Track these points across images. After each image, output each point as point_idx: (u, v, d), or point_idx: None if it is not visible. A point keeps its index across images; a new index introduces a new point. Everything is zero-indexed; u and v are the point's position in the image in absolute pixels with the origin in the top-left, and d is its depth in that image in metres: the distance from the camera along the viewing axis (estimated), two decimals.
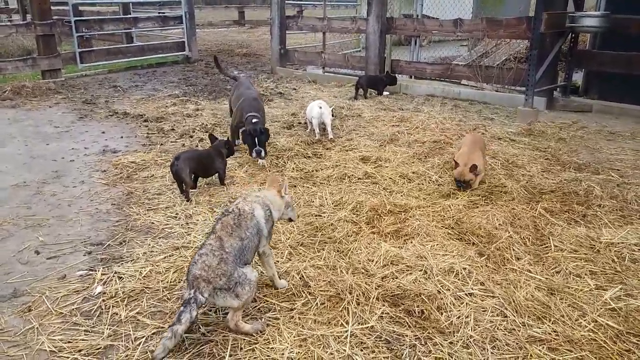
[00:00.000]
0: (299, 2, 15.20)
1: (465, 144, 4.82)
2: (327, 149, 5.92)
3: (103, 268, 3.35)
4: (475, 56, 10.96)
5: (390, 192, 4.59)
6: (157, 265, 3.35)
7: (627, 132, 6.43)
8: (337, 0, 21.58)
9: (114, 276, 3.24)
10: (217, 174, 4.84)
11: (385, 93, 9.03)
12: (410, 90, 9.22)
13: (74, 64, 10.55)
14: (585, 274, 3.24)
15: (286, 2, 11.58)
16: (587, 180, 4.79)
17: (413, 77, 9.88)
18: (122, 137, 6.44)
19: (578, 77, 9.19)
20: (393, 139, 6.18)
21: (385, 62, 9.65)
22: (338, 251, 3.54)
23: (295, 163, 5.36)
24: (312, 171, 5.17)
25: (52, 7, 10.15)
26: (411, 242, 3.62)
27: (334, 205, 4.31)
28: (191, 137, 6.36)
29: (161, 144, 6.10)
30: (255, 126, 5.27)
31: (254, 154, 5.21)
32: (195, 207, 4.32)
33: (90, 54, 11.09)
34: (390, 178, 4.89)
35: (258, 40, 18.15)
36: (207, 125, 6.84)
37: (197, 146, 5.97)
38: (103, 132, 6.63)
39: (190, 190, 4.55)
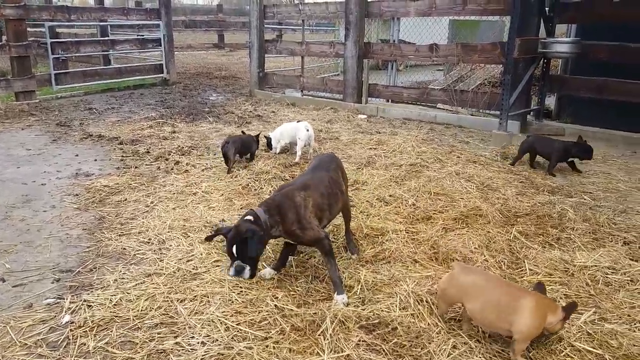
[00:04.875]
0: (278, 26, 15.37)
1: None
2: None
3: (72, 296, 3.23)
4: (450, 80, 11.18)
5: (367, 215, 4.57)
6: (127, 293, 3.26)
7: (598, 156, 6.56)
8: (316, 24, 21.88)
9: (82, 304, 3.13)
10: (249, 154, 6.26)
11: (362, 116, 9.10)
12: (387, 113, 9.31)
13: (49, 86, 10.41)
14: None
15: (265, 26, 11.67)
16: (561, 203, 4.86)
17: (390, 100, 10.00)
18: (96, 160, 6.34)
19: (551, 101, 9.41)
20: (370, 162, 6.21)
21: (362, 86, 9.75)
22: (315, 277, 3.49)
23: (272, 186, 5.32)
24: None
25: (29, 29, 10.06)
26: (387, 267, 3.60)
27: None
28: (167, 159, 6.29)
29: (136, 167, 6.01)
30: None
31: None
32: (168, 232, 4.24)
33: (66, 75, 10.97)
34: (367, 201, 4.89)
35: (237, 63, 18.23)
36: (183, 147, 6.78)
37: (172, 169, 5.90)
38: (77, 155, 6.51)
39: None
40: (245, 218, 3.10)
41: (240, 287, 3.32)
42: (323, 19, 13.99)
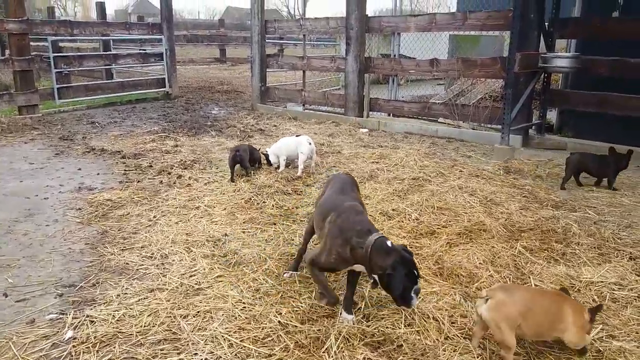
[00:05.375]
0: (279, 41, 15.49)
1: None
2: (307, 185, 5.90)
3: (74, 311, 3.21)
4: (451, 95, 11.22)
5: None
6: (130, 309, 3.23)
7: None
8: (317, 39, 22.04)
9: (85, 320, 3.11)
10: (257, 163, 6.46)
11: (364, 130, 9.12)
12: (388, 127, 9.34)
13: (52, 100, 10.47)
14: None
15: (267, 41, 11.76)
16: (565, 218, 4.84)
17: (391, 114, 10.04)
18: (98, 174, 6.34)
19: (552, 116, 9.44)
20: (373, 176, 6.20)
21: (364, 100, 9.79)
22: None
23: (275, 200, 5.31)
24: (292, 208, 5.13)
25: (32, 43, 10.13)
26: None
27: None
28: (169, 173, 6.29)
29: (138, 181, 6.01)
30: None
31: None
32: (171, 246, 4.22)
33: (69, 89, 11.04)
34: (370, 215, 4.86)
35: (239, 77, 18.33)
36: (185, 161, 6.78)
37: (174, 182, 5.90)
38: (79, 169, 6.52)
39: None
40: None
41: (244, 303, 3.30)
42: (324, 34, 14.07)
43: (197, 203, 5.25)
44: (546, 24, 8.03)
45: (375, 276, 2.85)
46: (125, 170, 6.46)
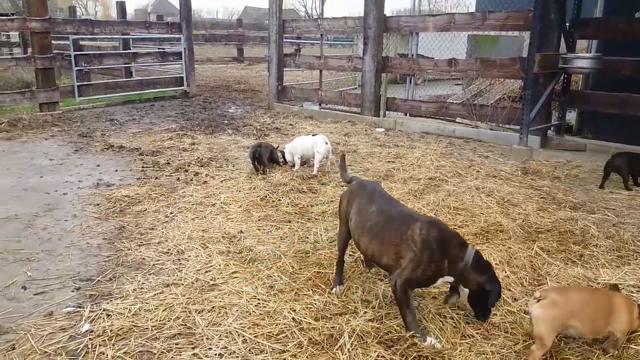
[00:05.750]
0: (296, 40, 15.52)
1: None
2: (322, 184, 5.90)
3: (91, 305, 3.26)
4: (469, 95, 11.13)
5: None
6: (146, 303, 3.27)
7: None
8: (334, 39, 22.05)
9: (102, 314, 3.15)
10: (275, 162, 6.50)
11: (380, 129, 9.10)
12: (405, 127, 9.30)
13: (72, 97, 10.63)
14: None
15: (284, 40, 11.79)
16: (583, 219, 4.77)
17: (408, 114, 9.99)
18: (116, 170, 6.42)
19: (571, 117, 9.31)
20: (388, 175, 6.18)
21: (380, 100, 9.77)
22: (331, 292, 3.46)
23: (290, 198, 5.33)
24: (307, 206, 5.14)
25: (54, 42, 10.30)
26: None
27: (329, 242, 4.26)
28: (186, 171, 6.34)
29: (156, 178, 6.07)
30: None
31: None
32: (187, 242, 4.25)
33: (89, 87, 11.19)
34: None
35: (256, 76, 18.42)
36: (202, 159, 6.83)
37: (191, 180, 5.95)
38: (98, 165, 6.61)
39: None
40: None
41: (258, 300, 3.31)
42: (341, 34, 14.07)
43: (214, 200, 5.28)
44: (567, 24, 7.92)
45: (465, 289, 2.89)
46: (143, 167, 6.53)
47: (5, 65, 10.92)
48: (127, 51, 13.74)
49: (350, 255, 3.96)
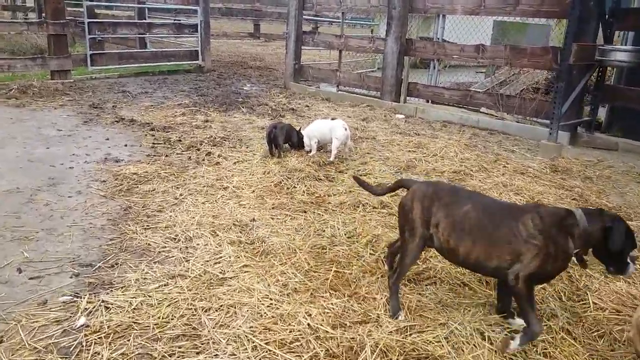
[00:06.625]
0: (314, 18, 15.02)
1: None
2: (340, 172, 5.59)
3: (89, 295, 3.00)
4: (495, 83, 10.67)
5: None
6: (149, 296, 3.00)
7: None
8: (352, 18, 21.47)
9: (100, 305, 2.89)
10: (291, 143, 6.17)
11: (400, 116, 8.73)
12: (426, 114, 8.91)
13: (84, 66, 10.33)
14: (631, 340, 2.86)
15: (303, 17, 11.35)
16: None
17: (430, 101, 9.59)
18: (126, 145, 6.14)
19: (601, 113, 8.86)
20: (410, 166, 5.85)
21: (402, 85, 9.37)
22: (350, 295, 3.16)
23: (306, 186, 5.02)
24: (324, 196, 4.83)
25: (68, 8, 9.97)
26: (433, 289, 3.26)
27: (347, 237, 3.96)
28: (198, 150, 6.05)
29: (166, 155, 5.79)
30: None
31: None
32: (196, 228, 3.98)
33: (102, 56, 10.87)
34: None
35: (272, 54, 17.97)
36: (215, 138, 6.54)
37: (203, 160, 5.66)
38: (107, 139, 6.34)
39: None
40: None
41: (270, 299, 3.04)
42: (364, 13, 13.58)
43: (225, 183, 5.00)
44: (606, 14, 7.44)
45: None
46: (153, 144, 6.25)
47: (17, 30, 10.57)
48: (142, 21, 13.36)
49: (370, 254, 3.67)
